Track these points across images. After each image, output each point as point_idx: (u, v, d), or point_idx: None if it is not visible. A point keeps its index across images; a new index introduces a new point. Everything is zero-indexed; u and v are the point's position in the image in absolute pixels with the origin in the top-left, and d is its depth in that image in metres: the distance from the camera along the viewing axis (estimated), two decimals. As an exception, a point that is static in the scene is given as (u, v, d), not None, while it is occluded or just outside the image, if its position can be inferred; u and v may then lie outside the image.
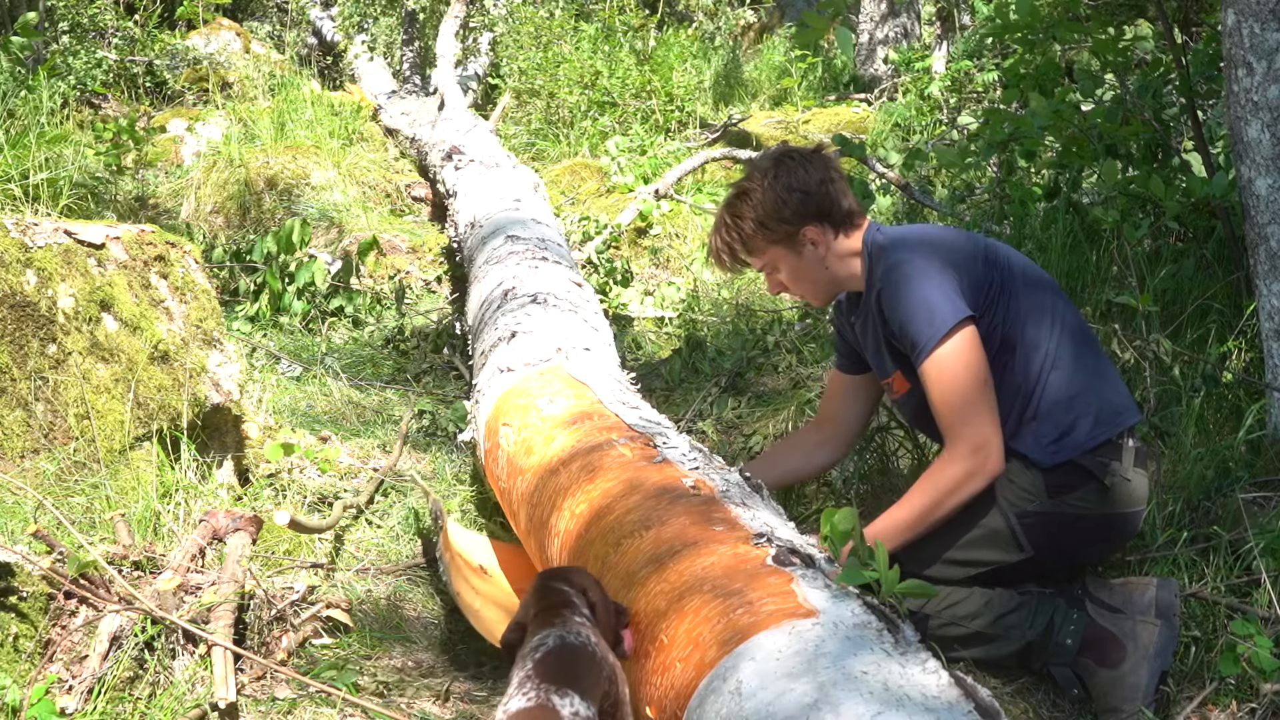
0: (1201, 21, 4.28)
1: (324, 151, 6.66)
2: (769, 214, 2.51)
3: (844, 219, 2.55)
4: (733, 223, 2.57)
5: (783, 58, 9.22)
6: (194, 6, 8.83)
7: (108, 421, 2.73)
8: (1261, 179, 2.85)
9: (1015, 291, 2.47)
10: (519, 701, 1.56)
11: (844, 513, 1.97)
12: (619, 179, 6.58)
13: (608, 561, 2.11)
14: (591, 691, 1.61)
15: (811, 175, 2.52)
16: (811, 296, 2.67)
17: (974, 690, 1.52)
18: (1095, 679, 2.37)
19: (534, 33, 8.31)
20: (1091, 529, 2.48)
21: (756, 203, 2.53)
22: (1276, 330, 2.90)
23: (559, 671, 1.61)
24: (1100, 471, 2.43)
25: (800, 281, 2.61)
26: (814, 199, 2.51)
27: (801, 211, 2.51)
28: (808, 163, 2.54)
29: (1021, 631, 2.43)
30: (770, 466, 2.86)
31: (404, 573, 2.93)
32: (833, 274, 2.58)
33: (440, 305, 5.39)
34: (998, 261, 2.50)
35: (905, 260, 2.43)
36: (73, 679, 2.16)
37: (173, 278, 3.03)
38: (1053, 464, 2.43)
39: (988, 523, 2.45)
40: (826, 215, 2.52)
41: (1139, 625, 2.37)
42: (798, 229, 2.52)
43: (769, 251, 2.56)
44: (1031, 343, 2.46)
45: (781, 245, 2.55)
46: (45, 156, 5.02)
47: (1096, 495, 2.44)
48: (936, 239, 2.54)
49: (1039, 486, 2.44)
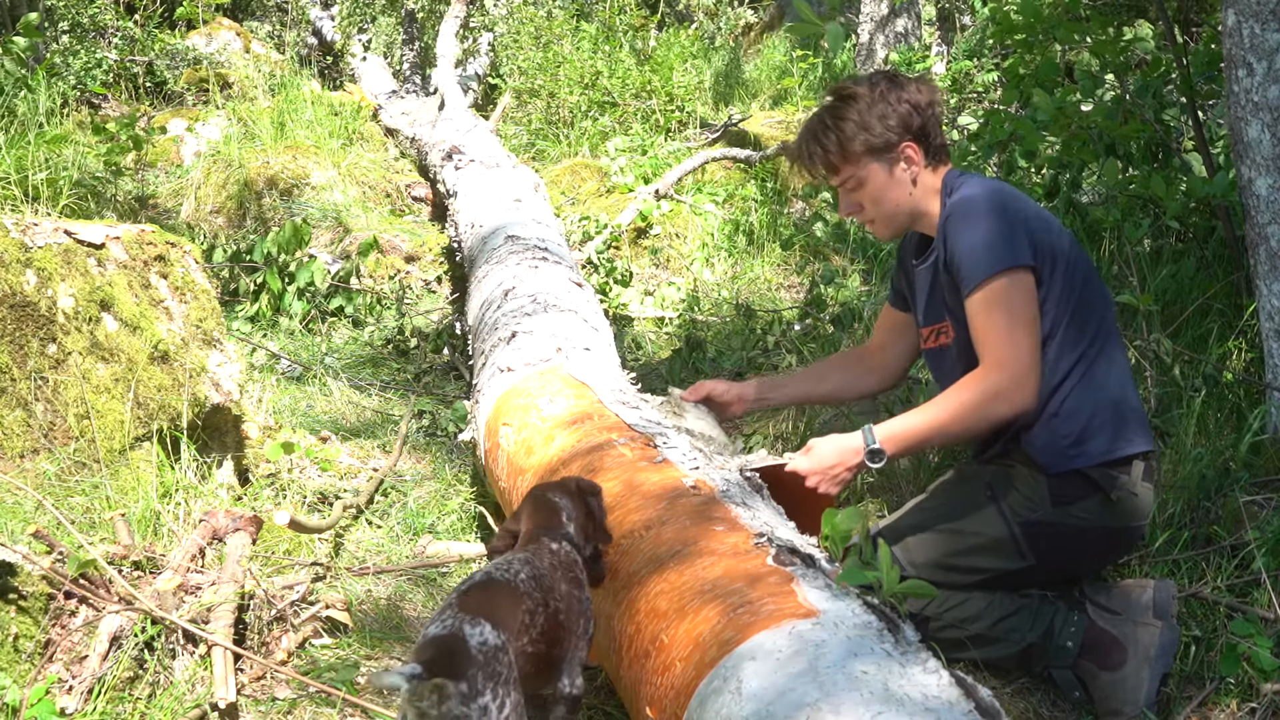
0: (1201, 21, 4.28)
1: (324, 151, 6.66)
2: (877, 118, 2.47)
3: (938, 150, 2.52)
4: (834, 124, 2.50)
5: (783, 58, 9.22)
6: (194, 6, 8.83)
7: (108, 421, 2.73)
8: (1262, 179, 2.86)
9: (1072, 279, 2.43)
10: (435, 628, 1.70)
11: (845, 513, 1.97)
12: (619, 179, 6.58)
13: (608, 562, 2.12)
14: (506, 623, 1.74)
15: (921, 95, 2.49)
16: (884, 223, 2.58)
17: (974, 690, 1.52)
18: (1096, 681, 2.36)
19: (534, 33, 8.31)
20: (1094, 541, 2.45)
21: (864, 107, 2.47)
22: (1276, 330, 2.90)
23: (477, 604, 1.75)
24: (1107, 485, 2.40)
25: (881, 202, 2.53)
26: (920, 114, 2.48)
27: (908, 123, 2.47)
28: (918, 83, 2.52)
29: (1022, 634, 2.42)
30: (818, 381, 2.86)
31: (404, 573, 2.93)
32: (914, 201, 2.52)
33: (440, 305, 5.39)
34: (1064, 244, 2.45)
35: (980, 196, 2.40)
36: (73, 679, 2.16)
37: (173, 278, 3.03)
38: (1060, 471, 2.40)
39: (990, 531, 2.43)
40: (925, 138, 2.49)
41: (1139, 628, 2.36)
42: (899, 140, 2.47)
43: (862, 160, 2.49)
44: (1071, 337, 2.42)
45: (877, 155, 2.49)
46: (45, 156, 5.02)
47: (1101, 508, 2.41)
48: (1017, 194, 2.49)
49: (1043, 495, 2.41)
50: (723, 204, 6.27)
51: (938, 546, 2.45)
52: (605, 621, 2.07)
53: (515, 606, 1.80)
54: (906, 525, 2.51)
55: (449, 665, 1.62)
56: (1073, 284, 2.42)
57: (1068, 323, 2.41)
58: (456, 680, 1.61)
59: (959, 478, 2.58)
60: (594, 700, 2.37)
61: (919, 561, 2.44)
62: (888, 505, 3.13)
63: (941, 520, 2.48)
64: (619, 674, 2.02)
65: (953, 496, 2.52)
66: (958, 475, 2.59)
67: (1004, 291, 2.31)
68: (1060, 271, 2.40)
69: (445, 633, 1.68)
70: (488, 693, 1.62)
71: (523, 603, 1.82)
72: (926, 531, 2.48)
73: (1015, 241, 2.33)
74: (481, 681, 1.63)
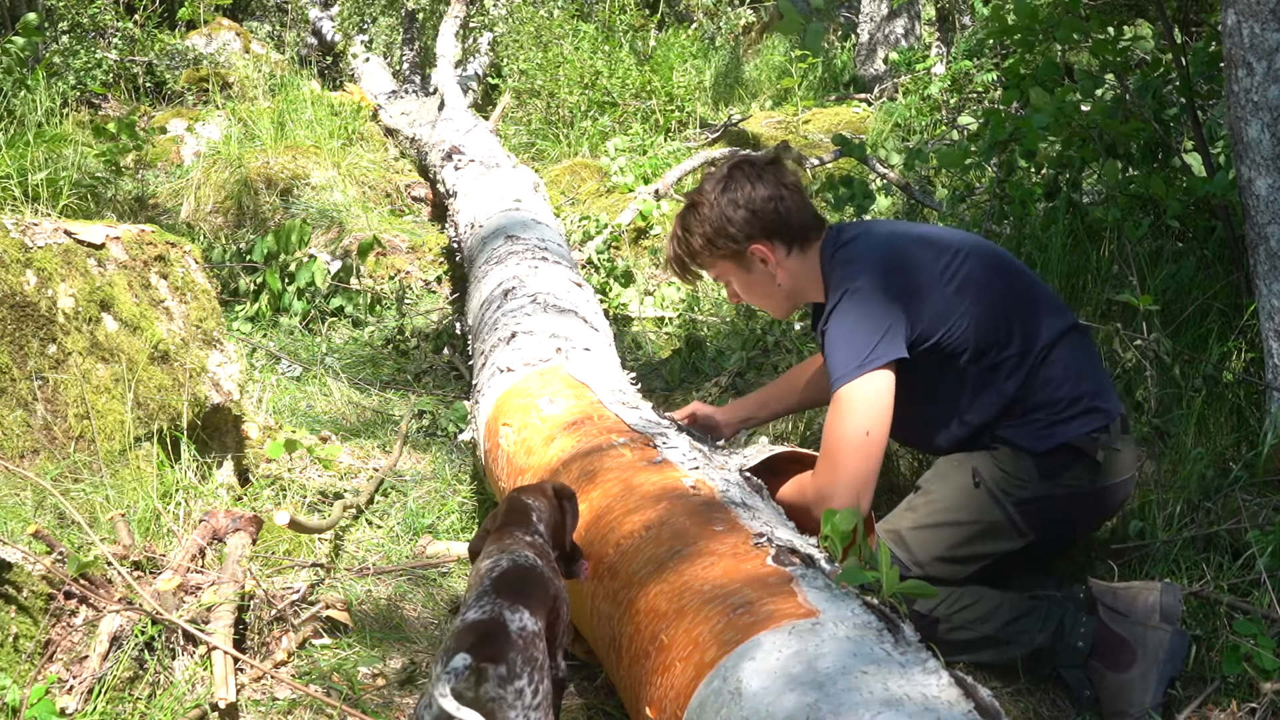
0: (1201, 21, 4.28)
1: (324, 151, 6.65)
2: (715, 230, 2.52)
3: (796, 235, 2.52)
4: (683, 235, 2.59)
5: (783, 58, 9.21)
6: (194, 6, 8.83)
7: (108, 421, 2.73)
8: (1261, 179, 2.85)
9: (995, 299, 2.46)
10: (474, 613, 1.76)
11: (844, 513, 1.97)
12: (619, 179, 6.58)
13: (608, 562, 2.12)
14: (538, 608, 1.80)
15: (759, 191, 2.50)
16: (768, 309, 2.67)
17: (974, 690, 1.52)
18: (1104, 682, 2.36)
19: (534, 33, 8.31)
20: (1087, 503, 2.50)
21: (704, 218, 2.53)
22: (1276, 330, 2.90)
23: (514, 590, 1.81)
24: (1091, 448, 2.45)
25: (753, 295, 2.62)
26: (760, 217, 2.50)
27: (747, 229, 2.50)
28: (758, 178, 2.52)
29: (1032, 636, 2.42)
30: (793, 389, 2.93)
31: (404, 573, 2.93)
32: (787, 289, 2.57)
33: (440, 305, 5.38)
34: (975, 268, 2.47)
35: (849, 290, 2.40)
36: (73, 679, 2.16)
37: (173, 278, 3.03)
38: (1045, 449, 2.45)
39: (985, 516, 2.46)
40: (775, 233, 2.51)
41: (1149, 631, 2.35)
42: (744, 246, 2.51)
43: (718, 265, 2.58)
44: (1020, 343, 2.46)
45: (729, 260, 2.55)
46: (45, 156, 5.01)
47: (1088, 471, 2.47)
48: (895, 261, 2.46)
49: (1031, 471, 2.45)
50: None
51: (938, 541, 2.46)
52: (605, 621, 2.07)
53: (545, 593, 1.87)
54: (903, 525, 2.52)
55: (490, 649, 1.68)
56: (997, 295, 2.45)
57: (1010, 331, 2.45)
58: (496, 663, 1.67)
59: (944, 470, 2.59)
60: (594, 700, 2.37)
61: (921, 559, 2.45)
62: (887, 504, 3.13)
63: (936, 514, 2.50)
64: (618, 674, 2.02)
65: (943, 489, 2.54)
66: (944, 468, 2.60)
67: (848, 399, 2.35)
68: (974, 299, 2.43)
69: (486, 617, 1.74)
70: (524, 676, 1.68)
71: (549, 588, 1.89)
72: (924, 528, 2.49)
73: (874, 337, 2.34)
74: (520, 665, 1.69)
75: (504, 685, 1.66)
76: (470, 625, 1.74)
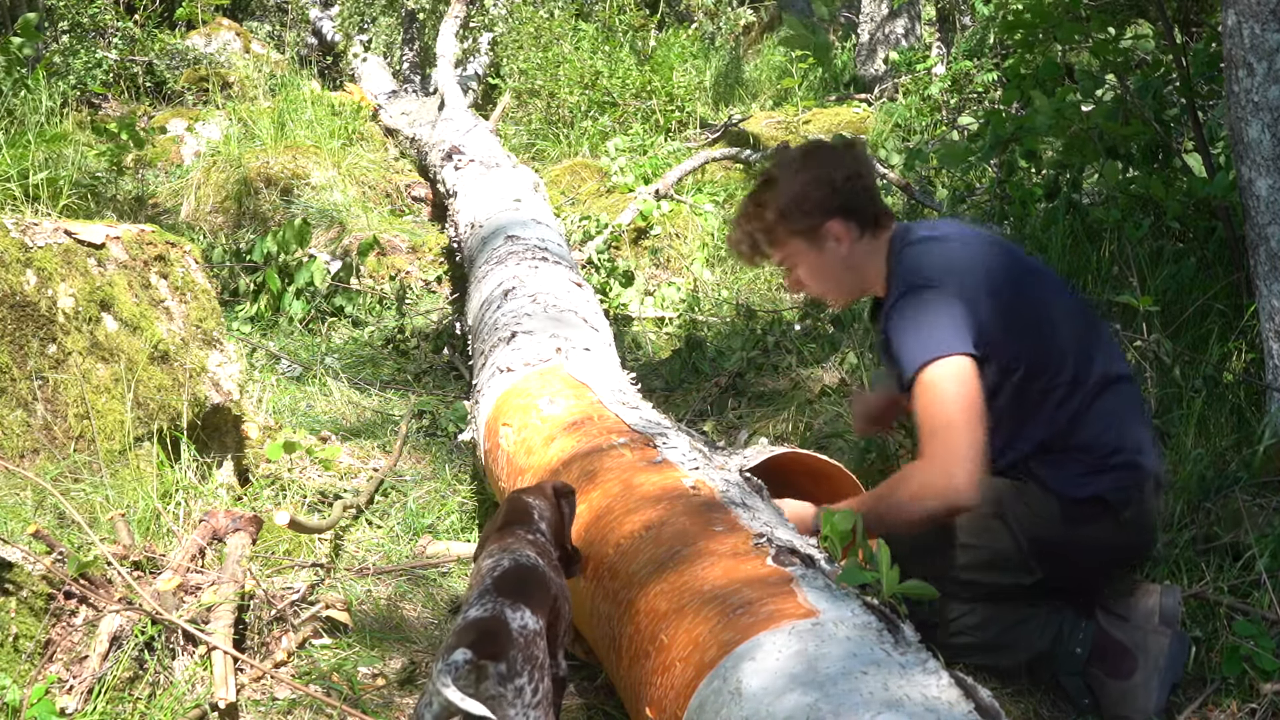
0: (1201, 21, 4.28)
1: (324, 151, 6.65)
2: (793, 204, 2.42)
3: (870, 219, 2.45)
4: (755, 211, 2.49)
5: (783, 58, 9.21)
6: (194, 6, 8.83)
7: (108, 421, 2.73)
8: (1262, 179, 2.85)
9: (1057, 322, 2.38)
10: (476, 611, 1.76)
11: (844, 513, 1.97)
12: (619, 179, 6.58)
13: (608, 563, 2.12)
14: (539, 607, 1.80)
15: (840, 170, 2.43)
16: (831, 295, 2.57)
17: (974, 690, 1.52)
18: (1105, 689, 2.34)
19: (534, 33, 8.31)
20: (1105, 555, 2.41)
21: (781, 192, 2.44)
22: (1276, 331, 2.90)
23: (515, 589, 1.81)
24: (1121, 505, 2.35)
25: (819, 279, 2.51)
26: (840, 194, 2.42)
27: (826, 205, 2.42)
28: (838, 157, 2.46)
29: (1031, 641, 2.39)
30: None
31: (404, 573, 2.93)
32: (854, 275, 2.49)
33: (440, 305, 5.38)
34: (1041, 287, 2.41)
35: (919, 286, 2.31)
36: (73, 679, 2.16)
37: (173, 278, 3.03)
38: (1075, 497, 2.35)
39: (997, 545, 2.38)
40: (852, 212, 2.43)
41: (1149, 636, 2.33)
42: (820, 222, 2.43)
43: (789, 244, 2.47)
44: (1071, 376, 2.36)
45: (803, 238, 2.45)
46: (45, 156, 5.01)
47: (1113, 527, 2.37)
48: (966, 265, 2.38)
49: (1055, 514, 2.36)
50: (723, 204, 6.26)
51: (944, 561, 2.39)
52: (605, 621, 2.07)
53: (546, 592, 1.87)
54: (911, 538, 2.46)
55: (491, 646, 1.68)
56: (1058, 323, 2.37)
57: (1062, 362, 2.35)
58: (497, 661, 1.67)
59: None
60: (594, 700, 2.37)
61: (925, 577, 2.40)
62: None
63: (947, 534, 2.41)
64: (618, 674, 2.02)
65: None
66: None
67: (934, 383, 2.24)
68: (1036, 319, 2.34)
69: (488, 615, 1.74)
70: (524, 675, 1.68)
71: (550, 588, 1.89)
72: (932, 545, 2.41)
73: (946, 329, 2.26)
74: (520, 664, 1.69)
75: (504, 683, 1.66)
76: (471, 623, 1.74)
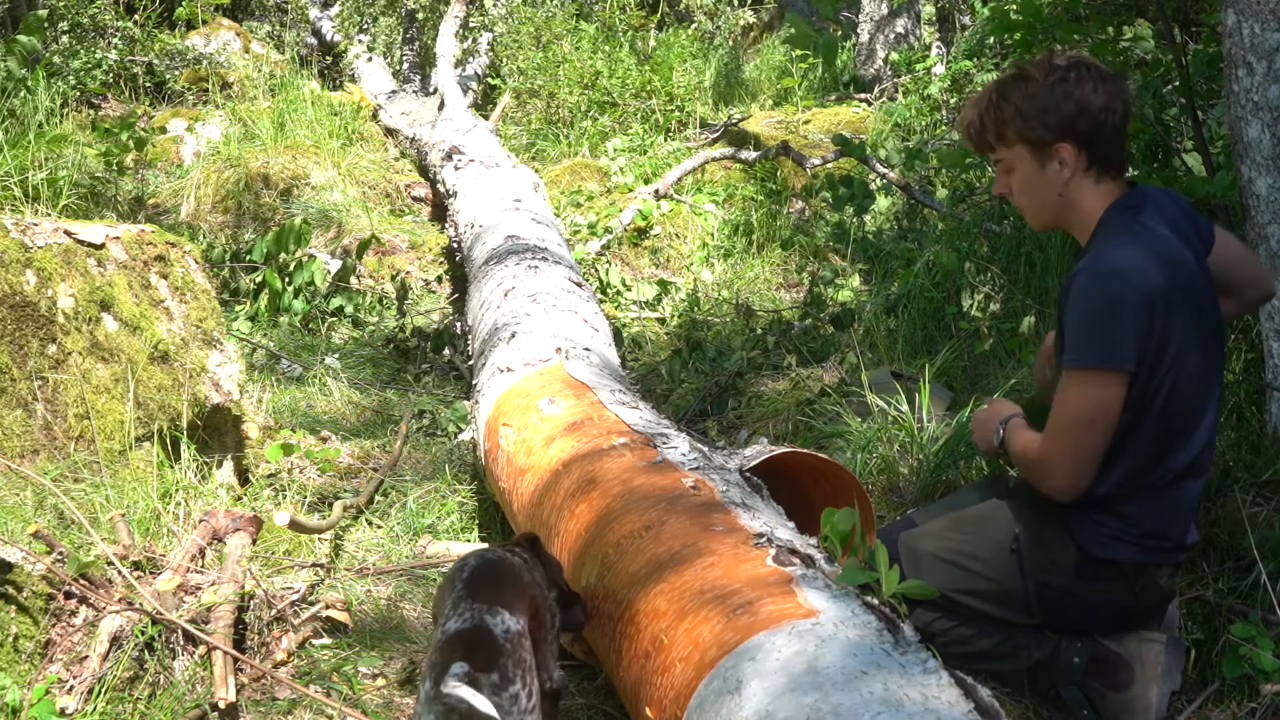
0: (1201, 21, 4.28)
1: (324, 151, 6.66)
2: (1036, 110, 2.29)
3: (1104, 159, 2.31)
4: (997, 102, 2.35)
5: (782, 58, 9.21)
6: (194, 6, 8.83)
7: (108, 421, 2.73)
8: (1262, 179, 2.85)
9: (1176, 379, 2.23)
10: (455, 623, 1.69)
11: (842, 513, 1.97)
12: (619, 179, 6.58)
13: (608, 563, 2.11)
14: (518, 605, 1.75)
15: (1097, 97, 2.28)
16: (1030, 214, 2.43)
17: (974, 690, 1.52)
18: (1105, 701, 2.32)
19: (534, 33, 8.31)
20: (1108, 614, 2.36)
21: (1029, 93, 2.31)
22: (1276, 330, 2.90)
23: (489, 591, 1.75)
24: (1136, 578, 2.30)
25: (1028, 194, 2.38)
26: (1086, 118, 2.27)
27: (1067, 124, 2.28)
28: (1100, 84, 2.29)
29: (1028, 651, 2.37)
30: None
31: (404, 573, 2.93)
32: (1063, 206, 2.35)
33: (440, 305, 5.38)
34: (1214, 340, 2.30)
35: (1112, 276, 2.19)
36: (73, 679, 2.16)
37: (173, 278, 3.03)
38: (1095, 555, 2.29)
39: (1003, 580, 2.35)
40: (1091, 143, 2.29)
41: (1145, 645, 2.31)
42: (1054, 139, 2.29)
43: (1016, 149, 2.35)
44: (1167, 448, 2.25)
45: (1030, 147, 2.33)
46: (45, 156, 5.02)
47: (1126, 592, 2.32)
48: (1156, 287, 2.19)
49: (1070, 563, 2.31)
50: (722, 204, 6.27)
51: (948, 579, 2.37)
52: (605, 622, 2.07)
53: (519, 585, 1.83)
54: (925, 546, 2.44)
55: (480, 658, 1.63)
56: (1171, 382, 2.23)
57: (1149, 426, 2.24)
58: (489, 672, 1.62)
59: (988, 512, 2.45)
60: (594, 700, 2.37)
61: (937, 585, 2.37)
62: (888, 505, 3.13)
63: (960, 556, 2.40)
64: (619, 674, 2.02)
65: (978, 538, 2.41)
66: (989, 508, 2.46)
67: (1084, 387, 2.18)
68: (1159, 372, 2.21)
69: (469, 626, 1.68)
70: (517, 681, 1.65)
71: (522, 576, 1.86)
72: (942, 561, 2.40)
73: (1117, 340, 2.16)
74: (511, 670, 1.65)
75: (499, 693, 1.61)
76: (455, 636, 1.68)
